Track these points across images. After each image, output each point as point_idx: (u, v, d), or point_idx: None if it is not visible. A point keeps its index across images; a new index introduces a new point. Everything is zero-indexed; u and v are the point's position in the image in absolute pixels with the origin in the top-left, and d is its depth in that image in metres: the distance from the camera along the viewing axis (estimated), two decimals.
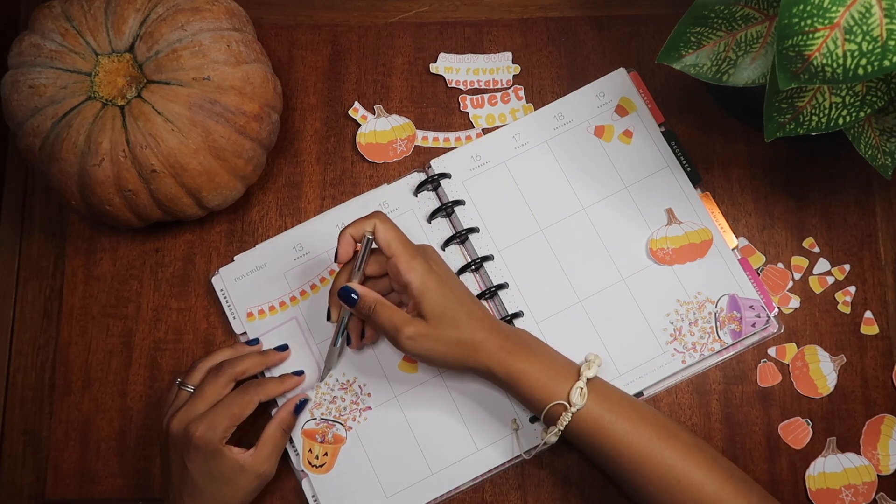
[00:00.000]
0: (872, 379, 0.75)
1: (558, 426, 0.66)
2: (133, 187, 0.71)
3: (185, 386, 0.71)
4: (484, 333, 0.68)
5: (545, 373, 0.67)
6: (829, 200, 0.79)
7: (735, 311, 0.75)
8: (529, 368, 0.67)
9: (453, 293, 0.68)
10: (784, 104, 0.63)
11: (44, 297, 0.80)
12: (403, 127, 0.81)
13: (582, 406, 0.66)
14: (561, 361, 0.69)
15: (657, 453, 0.65)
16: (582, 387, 0.66)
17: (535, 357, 0.68)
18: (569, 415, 0.66)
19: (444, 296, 0.67)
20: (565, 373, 0.67)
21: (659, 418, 0.67)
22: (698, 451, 0.65)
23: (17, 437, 0.78)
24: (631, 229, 0.77)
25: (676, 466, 0.64)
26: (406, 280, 0.67)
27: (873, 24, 0.54)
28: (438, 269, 0.69)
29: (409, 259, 0.67)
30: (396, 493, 0.73)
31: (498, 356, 0.67)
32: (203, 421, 0.67)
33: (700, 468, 0.64)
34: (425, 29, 0.84)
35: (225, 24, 0.72)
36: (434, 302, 0.67)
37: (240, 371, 0.71)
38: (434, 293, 0.67)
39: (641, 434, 0.65)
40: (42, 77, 0.70)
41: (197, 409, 0.69)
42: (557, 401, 0.66)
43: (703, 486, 0.64)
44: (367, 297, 0.69)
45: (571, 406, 0.66)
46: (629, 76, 0.81)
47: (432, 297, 0.67)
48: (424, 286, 0.67)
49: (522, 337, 0.70)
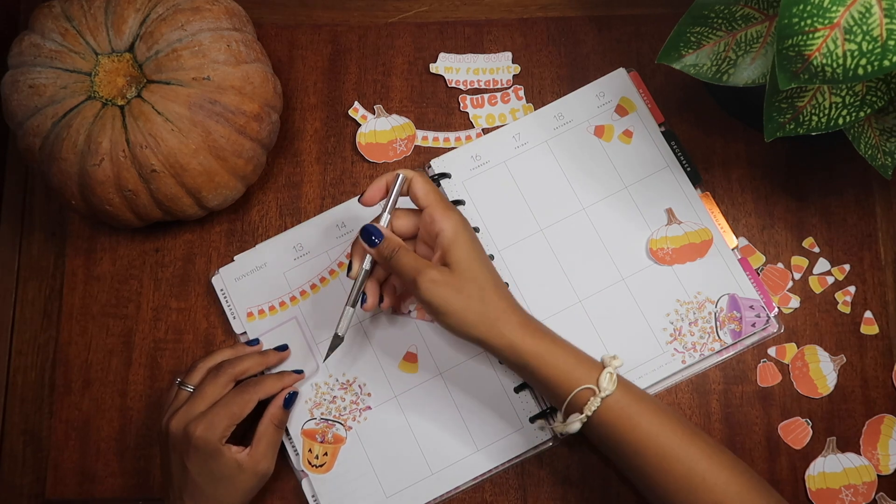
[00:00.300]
0: (872, 379, 0.75)
1: (585, 411, 0.64)
2: (133, 187, 0.71)
3: (185, 386, 0.71)
4: (507, 305, 0.66)
5: (570, 358, 0.65)
6: (829, 200, 0.79)
7: (735, 311, 0.75)
8: (555, 350, 0.65)
9: (484, 257, 0.67)
10: (784, 104, 0.63)
11: (44, 297, 0.80)
12: (403, 127, 0.82)
13: (612, 392, 0.64)
14: (585, 354, 0.67)
15: (682, 451, 0.63)
16: (612, 372, 0.64)
17: (558, 343, 0.67)
18: (598, 399, 0.64)
19: (476, 252, 0.66)
20: (590, 362, 0.66)
21: (680, 417, 0.66)
22: (720, 452, 0.64)
23: (17, 437, 0.78)
24: (631, 229, 0.77)
25: (701, 466, 0.63)
26: (440, 227, 0.66)
27: (873, 24, 0.54)
28: (472, 232, 0.68)
29: (444, 209, 0.67)
30: (396, 492, 0.73)
31: (521, 332, 0.65)
32: (202, 421, 0.67)
33: (724, 470, 0.63)
34: (425, 29, 0.84)
35: (225, 24, 0.72)
36: (463, 253, 0.65)
37: (240, 371, 0.71)
38: (465, 245, 0.66)
39: (666, 430, 0.64)
40: (42, 77, 0.70)
41: (196, 409, 0.68)
42: (585, 385, 0.64)
43: (727, 486, 0.62)
44: (392, 239, 0.67)
45: (601, 391, 0.64)
46: (629, 76, 0.81)
47: (463, 248, 0.66)
48: (456, 236, 0.66)
49: (543, 324, 0.69)
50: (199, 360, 0.73)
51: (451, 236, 0.66)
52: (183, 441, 0.68)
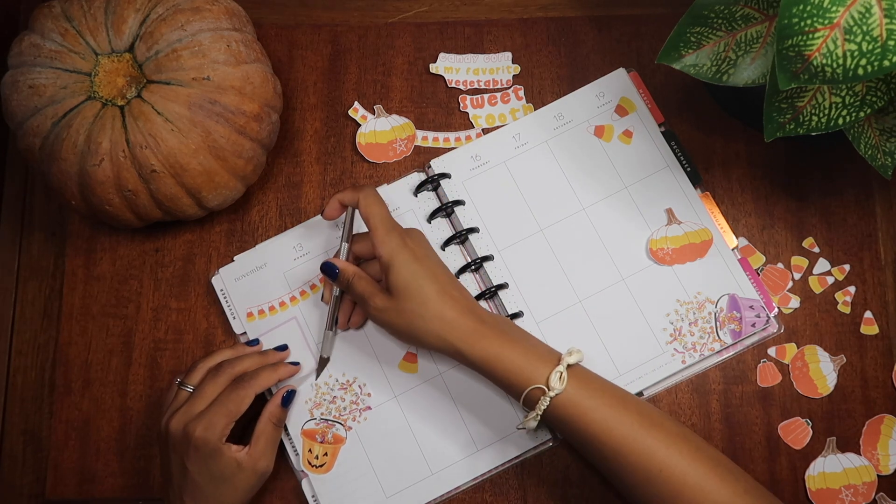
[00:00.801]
0: (872, 379, 0.75)
1: (536, 411, 0.66)
2: (133, 187, 0.71)
3: (185, 386, 0.71)
4: (455, 314, 0.68)
5: (523, 357, 0.66)
6: (829, 200, 0.79)
7: (735, 311, 0.75)
8: (505, 353, 0.66)
9: (426, 270, 0.68)
10: (784, 104, 0.63)
11: (44, 297, 0.80)
12: (403, 127, 0.81)
13: (561, 391, 0.65)
14: (542, 349, 0.68)
15: (638, 442, 0.64)
16: (562, 371, 0.65)
17: (513, 342, 0.67)
18: (546, 399, 0.65)
19: (413, 272, 0.68)
20: (545, 359, 0.67)
21: (642, 407, 0.66)
22: (682, 440, 0.64)
23: (17, 437, 0.78)
24: (631, 229, 0.77)
25: (658, 455, 0.63)
26: (378, 253, 0.69)
27: (873, 24, 0.54)
28: (415, 246, 0.70)
29: (384, 233, 0.69)
30: (396, 493, 0.73)
31: (470, 339, 0.67)
32: (201, 420, 0.67)
33: (683, 457, 0.63)
34: (425, 29, 0.84)
35: (225, 24, 0.72)
36: (399, 276, 0.68)
37: (239, 371, 0.71)
38: (401, 267, 0.68)
39: (623, 422, 0.64)
40: (42, 77, 0.70)
41: (196, 409, 0.69)
42: (535, 385, 0.65)
43: (684, 476, 0.63)
44: (347, 269, 0.71)
45: (550, 390, 0.65)
46: (629, 76, 0.81)
47: (398, 270, 0.68)
48: (392, 259, 0.68)
49: (501, 322, 0.69)
50: (199, 361, 0.73)
51: (387, 261, 0.68)
52: (183, 441, 0.68)
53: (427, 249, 0.71)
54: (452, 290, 0.69)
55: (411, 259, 0.68)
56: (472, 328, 0.67)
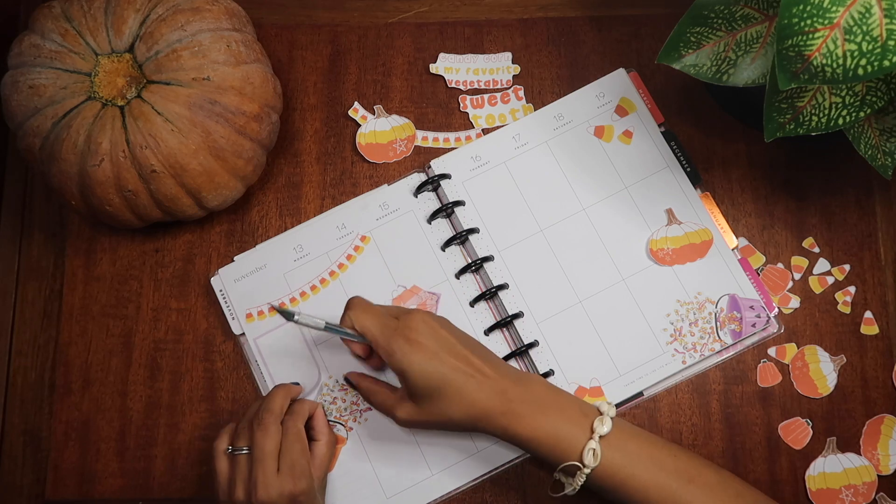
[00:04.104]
0: (872, 379, 0.75)
1: (574, 485, 0.65)
2: (133, 187, 0.71)
3: (239, 450, 0.68)
4: (483, 400, 0.65)
5: (556, 431, 0.65)
6: (829, 200, 0.79)
7: (735, 312, 0.75)
8: (538, 432, 0.65)
9: (442, 364, 0.65)
10: (784, 104, 0.63)
11: (44, 297, 0.80)
12: (403, 127, 0.81)
13: (595, 466, 0.64)
14: (571, 411, 0.66)
15: (678, 498, 0.64)
16: (594, 447, 0.64)
17: (543, 414, 0.65)
18: (583, 476, 0.65)
19: (429, 374, 0.65)
20: (579, 425, 0.65)
21: (679, 462, 0.66)
22: (721, 489, 0.65)
23: (17, 437, 0.78)
24: (631, 229, 0.77)
25: None
26: (388, 364, 0.67)
27: (873, 24, 0.54)
28: (424, 338, 0.66)
29: (386, 345, 0.66)
30: (397, 493, 0.73)
31: (501, 424, 0.65)
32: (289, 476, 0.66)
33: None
34: (425, 29, 0.84)
35: (225, 25, 0.72)
36: (417, 382, 0.65)
37: (279, 410, 0.69)
38: (416, 372, 0.65)
39: (662, 485, 0.64)
40: (42, 77, 0.70)
41: (271, 470, 0.66)
42: (570, 462, 0.65)
43: None
44: (360, 384, 0.73)
45: (585, 468, 0.64)
46: (629, 76, 0.81)
47: (414, 377, 0.65)
48: (403, 367, 0.66)
49: (528, 392, 0.67)
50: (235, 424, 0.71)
51: (400, 370, 0.66)
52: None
53: (435, 333, 0.67)
54: (471, 370, 0.66)
55: (424, 359, 0.65)
56: (501, 412, 0.65)
